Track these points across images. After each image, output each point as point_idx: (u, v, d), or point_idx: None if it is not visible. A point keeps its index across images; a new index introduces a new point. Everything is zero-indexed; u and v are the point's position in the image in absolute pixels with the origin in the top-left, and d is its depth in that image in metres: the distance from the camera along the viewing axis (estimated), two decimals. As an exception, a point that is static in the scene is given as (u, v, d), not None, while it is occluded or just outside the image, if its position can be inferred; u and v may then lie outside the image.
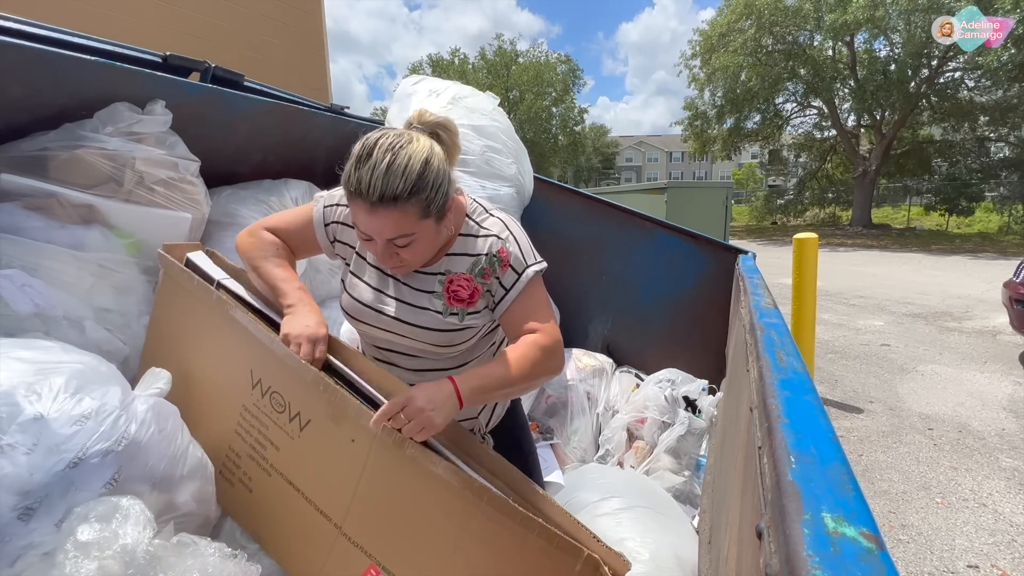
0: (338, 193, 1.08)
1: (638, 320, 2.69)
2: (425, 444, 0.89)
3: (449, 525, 0.86)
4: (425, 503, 0.88)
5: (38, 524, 0.73)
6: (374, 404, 0.95)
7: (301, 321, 0.98)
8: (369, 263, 1.07)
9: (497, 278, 1.01)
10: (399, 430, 0.86)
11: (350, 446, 0.92)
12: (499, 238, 1.02)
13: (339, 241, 1.10)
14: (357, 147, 0.87)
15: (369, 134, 0.89)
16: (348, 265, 1.10)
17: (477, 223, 1.04)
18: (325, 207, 1.09)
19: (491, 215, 1.06)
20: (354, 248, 1.08)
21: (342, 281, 1.12)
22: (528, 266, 1.02)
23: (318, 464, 0.98)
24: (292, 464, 1.00)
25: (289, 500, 1.00)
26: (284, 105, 1.80)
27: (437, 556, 0.87)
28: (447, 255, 1.03)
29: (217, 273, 1.15)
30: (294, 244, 1.11)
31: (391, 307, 1.04)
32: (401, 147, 0.86)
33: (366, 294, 1.06)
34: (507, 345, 1.03)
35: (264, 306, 1.09)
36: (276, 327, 1.02)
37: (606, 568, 0.81)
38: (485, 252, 1.01)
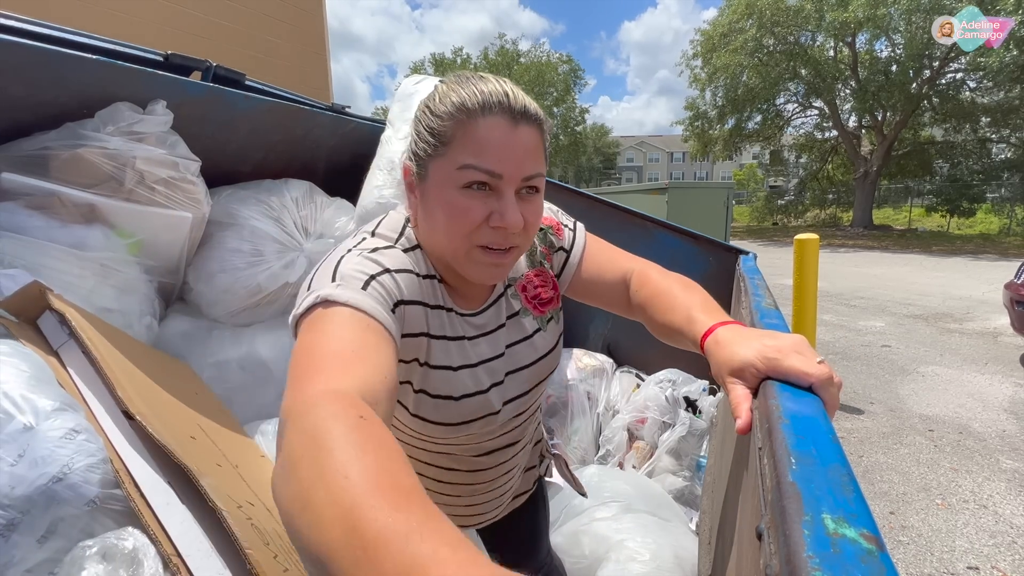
0: (369, 267, 0.60)
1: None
2: None
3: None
4: None
5: (20, 539, 0.71)
6: None
7: None
8: (449, 337, 0.73)
9: (560, 248, 0.87)
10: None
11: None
12: None
13: (409, 335, 0.67)
14: (445, 85, 0.64)
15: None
16: (424, 363, 0.71)
17: None
18: (371, 285, 0.59)
19: None
20: (426, 333, 0.70)
21: (414, 392, 0.72)
22: (576, 222, 0.90)
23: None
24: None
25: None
26: (285, 104, 1.80)
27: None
28: None
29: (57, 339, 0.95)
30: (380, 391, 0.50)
31: (504, 363, 0.79)
32: None
33: (470, 379, 0.74)
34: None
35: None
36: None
37: None
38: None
